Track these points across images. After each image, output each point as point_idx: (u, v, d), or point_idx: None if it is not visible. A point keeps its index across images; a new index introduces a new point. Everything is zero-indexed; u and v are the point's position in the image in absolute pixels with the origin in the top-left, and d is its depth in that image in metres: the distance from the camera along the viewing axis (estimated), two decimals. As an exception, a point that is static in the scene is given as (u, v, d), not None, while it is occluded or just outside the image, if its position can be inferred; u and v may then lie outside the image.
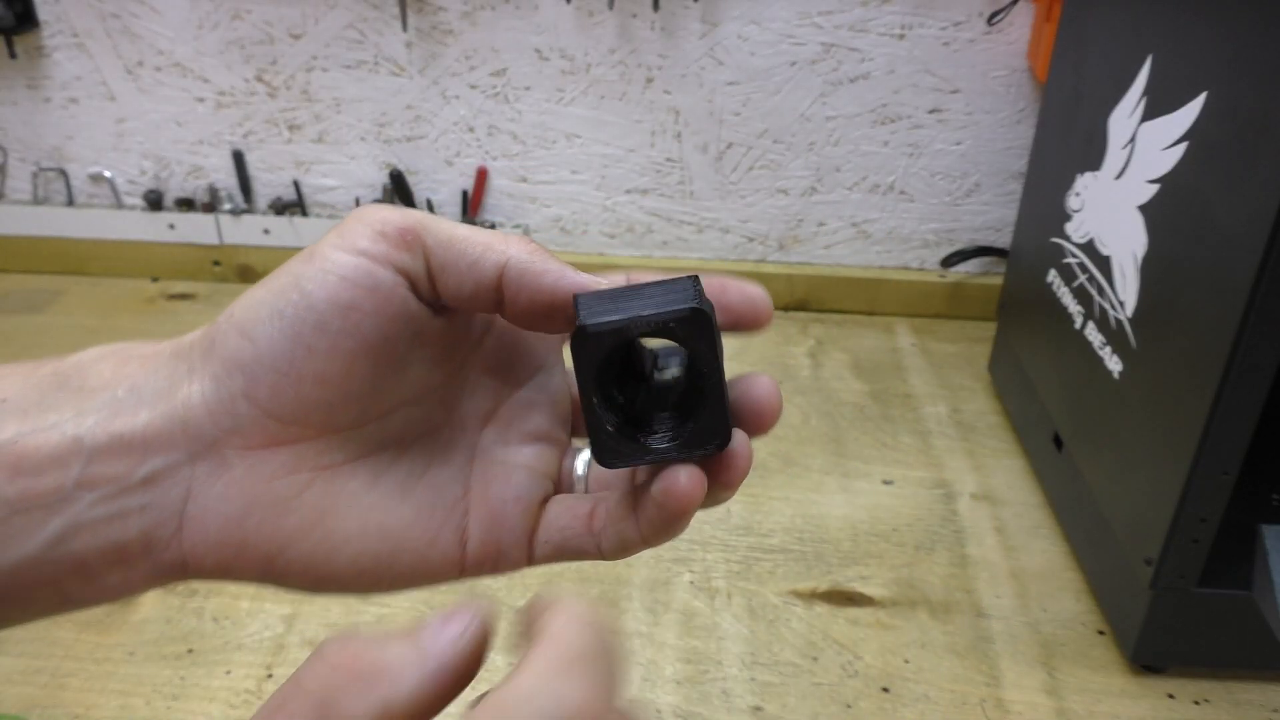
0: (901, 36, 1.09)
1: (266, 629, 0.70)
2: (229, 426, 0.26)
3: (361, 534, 0.27)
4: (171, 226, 1.23)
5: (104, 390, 0.26)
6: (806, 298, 1.22)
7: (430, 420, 0.29)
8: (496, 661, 0.68)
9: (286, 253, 1.22)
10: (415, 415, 0.29)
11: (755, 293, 0.26)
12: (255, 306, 0.25)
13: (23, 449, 0.25)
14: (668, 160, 1.18)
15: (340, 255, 0.25)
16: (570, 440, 0.31)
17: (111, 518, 0.25)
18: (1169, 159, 0.65)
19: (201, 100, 1.18)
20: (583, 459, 0.30)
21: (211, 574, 0.27)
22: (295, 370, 0.25)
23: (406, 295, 0.26)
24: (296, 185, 1.22)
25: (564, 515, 0.29)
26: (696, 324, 0.25)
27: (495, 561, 0.29)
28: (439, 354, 0.28)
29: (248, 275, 1.26)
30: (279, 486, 0.26)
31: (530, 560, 0.29)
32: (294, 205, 1.22)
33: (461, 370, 0.29)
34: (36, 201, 1.24)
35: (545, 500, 0.29)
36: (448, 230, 0.26)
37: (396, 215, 0.26)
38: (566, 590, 0.76)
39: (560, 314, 0.26)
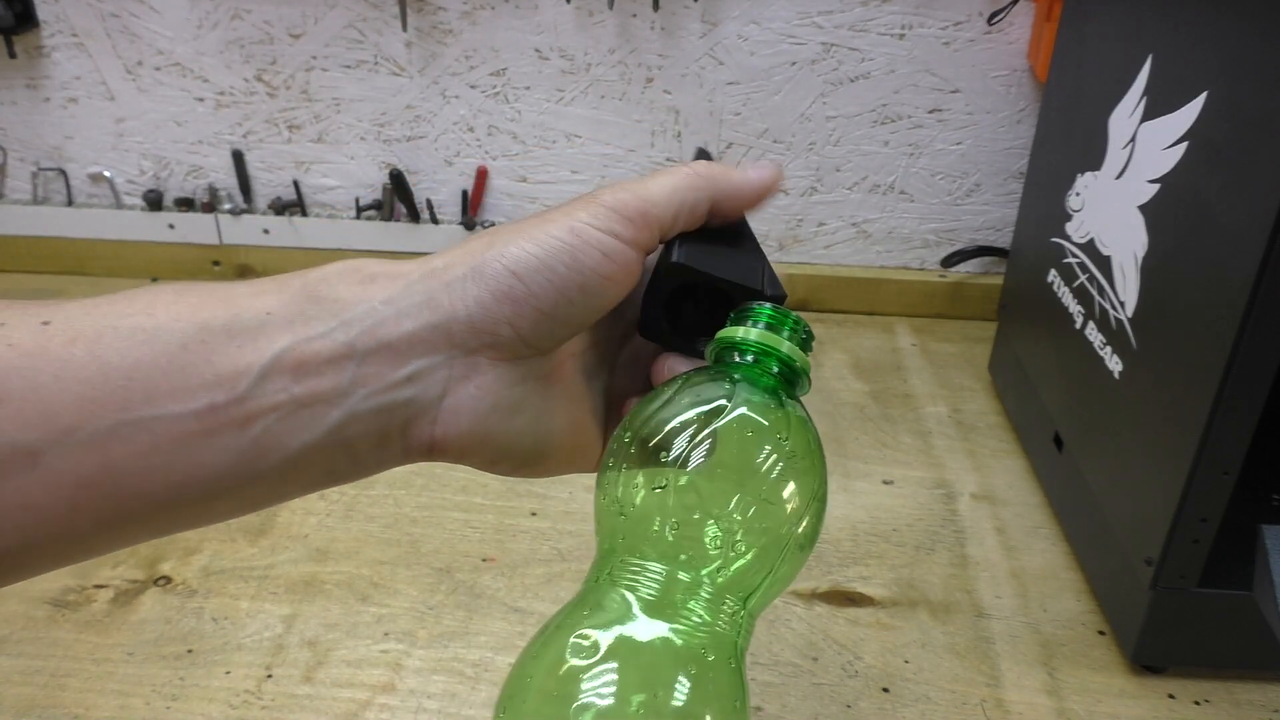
0: (901, 36, 1.09)
1: (266, 629, 0.70)
2: (488, 342, 0.31)
3: (565, 430, 0.35)
4: (171, 226, 1.23)
5: (360, 303, 0.30)
6: (806, 298, 1.22)
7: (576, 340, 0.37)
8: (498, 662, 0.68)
9: (286, 252, 1.22)
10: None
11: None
12: (525, 258, 0.31)
13: (301, 355, 0.29)
14: (668, 160, 1.18)
15: (602, 236, 0.32)
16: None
17: (381, 409, 0.30)
18: (1169, 159, 0.65)
19: (201, 100, 1.18)
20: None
21: (451, 458, 0.32)
22: (556, 314, 0.31)
23: (641, 264, 0.33)
24: (296, 185, 1.22)
25: None
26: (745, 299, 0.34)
27: None
28: None
29: (247, 275, 1.26)
30: (516, 391, 0.32)
31: None
32: (294, 205, 1.22)
33: None
34: (36, 201, 1.24)
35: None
36: (668, 204, 0.33)
37: (635, 201, 0.33)
38: (569, 590, 0.76)
39: None
